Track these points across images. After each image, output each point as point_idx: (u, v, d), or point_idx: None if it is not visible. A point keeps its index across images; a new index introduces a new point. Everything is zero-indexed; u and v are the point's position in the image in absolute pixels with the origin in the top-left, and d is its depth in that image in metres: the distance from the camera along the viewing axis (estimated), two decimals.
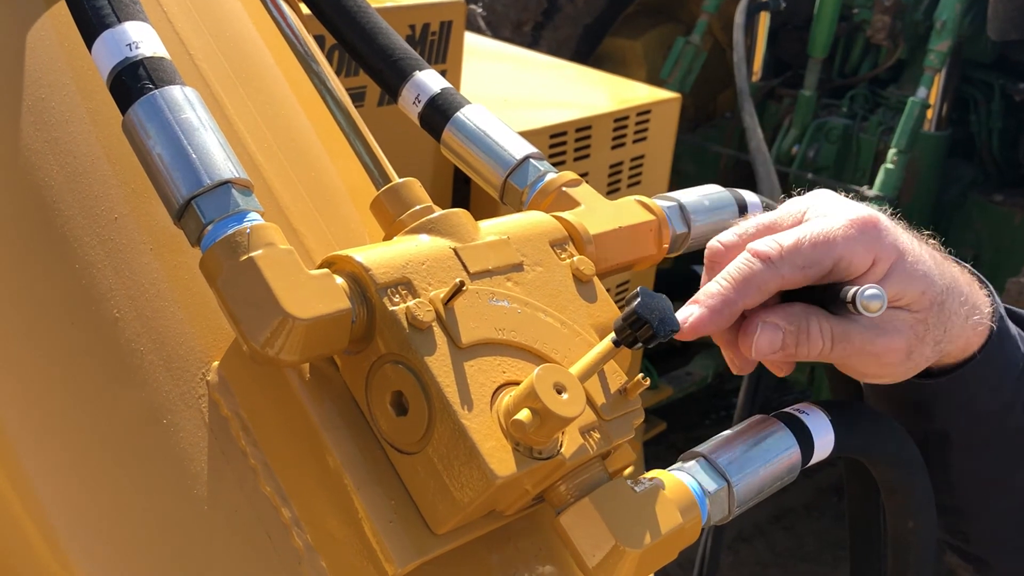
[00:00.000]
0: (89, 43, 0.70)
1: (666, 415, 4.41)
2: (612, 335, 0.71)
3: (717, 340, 0.87)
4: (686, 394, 4.64)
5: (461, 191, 2.70)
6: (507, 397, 0.68)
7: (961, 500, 1.02)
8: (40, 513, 0.70)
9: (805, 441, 0.80)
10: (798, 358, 0.84)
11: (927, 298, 0.84)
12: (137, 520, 0.70)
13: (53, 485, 0.70)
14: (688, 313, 0.82)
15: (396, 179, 0.83)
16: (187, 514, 0.70)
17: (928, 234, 0.92)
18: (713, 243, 0.88)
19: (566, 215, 0.84)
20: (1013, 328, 0.98)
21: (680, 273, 4.57)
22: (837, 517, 4.55)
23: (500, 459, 0.66)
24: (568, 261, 0.80)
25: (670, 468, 0.76)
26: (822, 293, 0.83)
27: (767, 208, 0.98)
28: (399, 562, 0.66)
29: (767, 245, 0.82)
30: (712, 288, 0.82)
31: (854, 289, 0.78)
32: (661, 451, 4.23)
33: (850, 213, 0.84)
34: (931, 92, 4.32)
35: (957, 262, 0.93)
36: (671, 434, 4.35)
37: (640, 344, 0.70)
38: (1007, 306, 0.99)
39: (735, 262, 0.83)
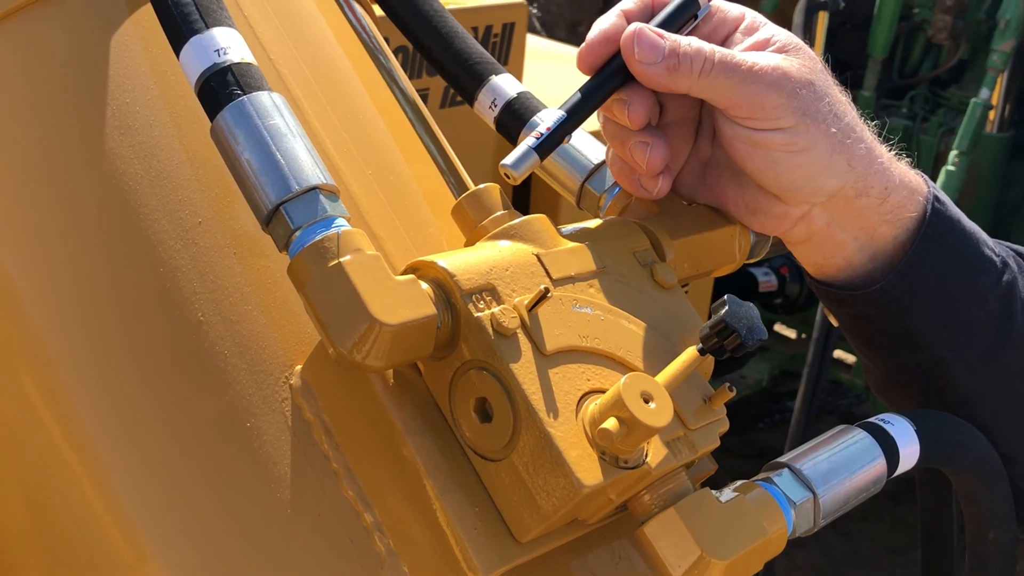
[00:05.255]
0: (177, 49, 0.71)
1: None
2: (698, 343, 0.71)
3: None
4: (740, 398, 4.60)
5: (520, 197, 2.69)
6: (592, 405, 0.67)
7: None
8: (122, 514, 0.70)
9: (890, 451, 0.79)
10: (678, 82, 0.82)
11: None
12: (220, 522, 0.70)
13: (135, 486, 0.71)
14: None
15: (471, 184, 0.82)
16: (269, 517, 0.70)
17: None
18: None
19: (646, 221, 0.83)
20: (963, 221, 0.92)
21: (735, 276, 4.54)
22: (893, 523, 4.49)
23: (586, 468, 0.65)
24: (649, 268, 0.79)
25: (755, 478, 0.75)
26: None
27: None
28: (483, 570, 0.66)
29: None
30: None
31: None
32: (714, 455, 4.20)
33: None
34: (993, 93, 4.23)
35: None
36: (725, 438, 4.31)
37: (727, 353, 0.69)
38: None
39: None
